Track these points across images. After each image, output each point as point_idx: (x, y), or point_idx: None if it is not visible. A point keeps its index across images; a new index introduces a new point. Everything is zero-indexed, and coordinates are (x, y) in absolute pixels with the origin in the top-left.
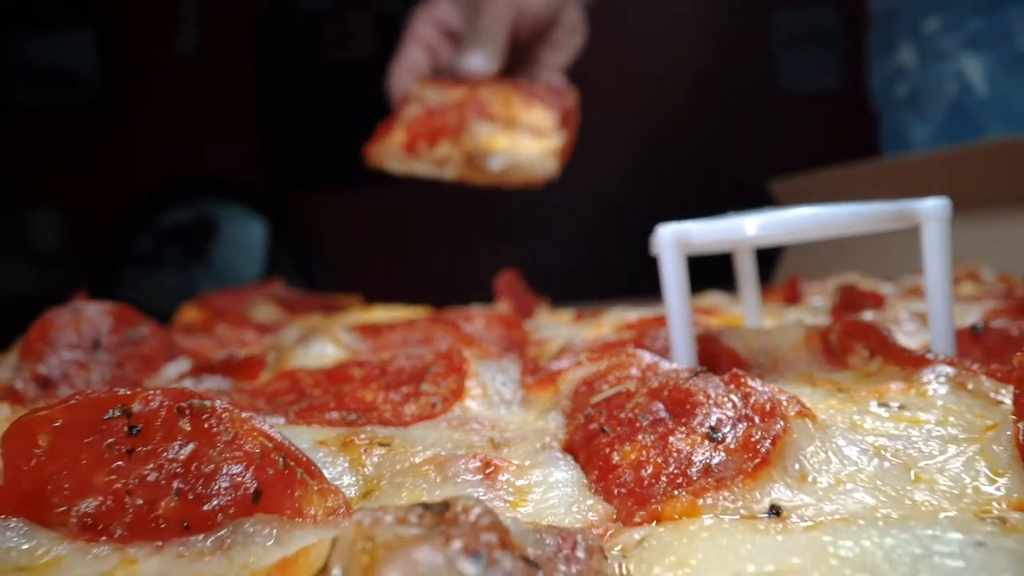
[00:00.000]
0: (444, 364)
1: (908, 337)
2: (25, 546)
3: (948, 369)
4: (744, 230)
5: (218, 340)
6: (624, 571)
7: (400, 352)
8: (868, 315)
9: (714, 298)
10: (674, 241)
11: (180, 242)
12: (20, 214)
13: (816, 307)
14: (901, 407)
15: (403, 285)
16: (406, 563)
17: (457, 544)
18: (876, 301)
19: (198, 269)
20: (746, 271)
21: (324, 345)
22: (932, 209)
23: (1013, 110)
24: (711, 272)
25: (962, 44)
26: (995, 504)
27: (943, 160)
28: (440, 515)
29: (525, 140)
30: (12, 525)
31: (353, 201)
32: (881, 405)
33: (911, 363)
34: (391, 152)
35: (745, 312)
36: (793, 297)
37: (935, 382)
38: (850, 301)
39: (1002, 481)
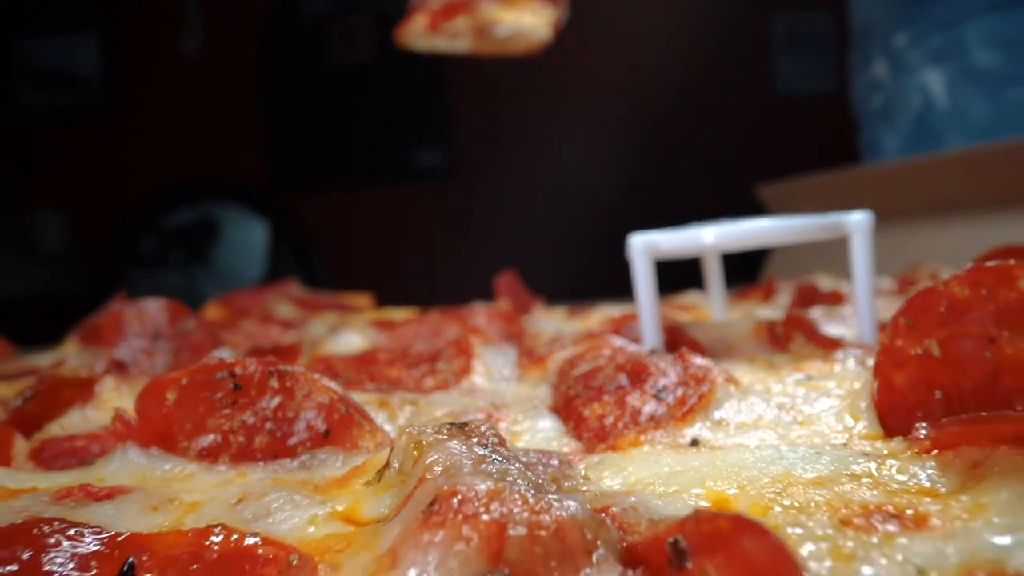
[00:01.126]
0: (454, 348)
1: (849, 328)
2: (167, 466)
3: (856, 351)
4: (702, 239)
5: (246, 334)
6: (584, 474)
7: (416, 340)
8: (818, 310)
9: (692, 297)
10: (644, 248)
11: (183, 243)
12: (25, 216)
13: (782, 304)
14: (810, 378)
15: (402, 285)
16: (442, 449)
17: (474, 439)
18: (835, 298)
19: (200, 270)
20: (712, 273)
21: (351, 336)
22: (858, 222)
23: (969, 121)
24: (695, 274)
25: (926, 59)
26: (845, 435)
27: (920, 168)
28: (461, 428)
29: (525, 14)
30: (153, 452)
31: (353, 202)
32: (795, 376)
33: (829, 346)
34: (416, 31)
35: (711, 307)
36: (769, 295)
37: (844, 360)
38: (806, 298)
39: (856, 423)
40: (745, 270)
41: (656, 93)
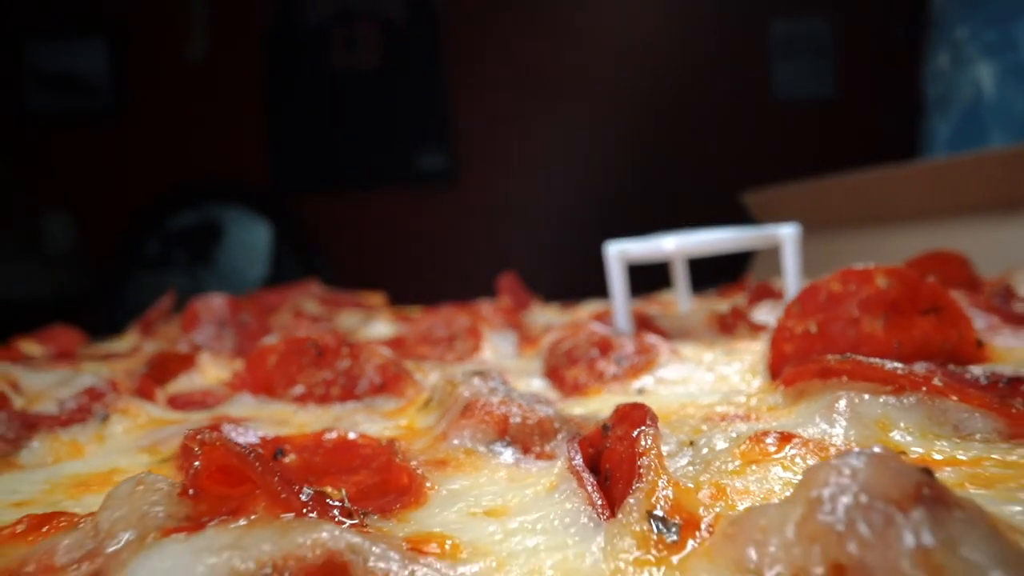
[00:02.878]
0: (467, 332)
1: None
2: (272, 407)
3: None
4: (663, 247)
5: (281, 327)
6: (561, 407)
7: (434, 329)
8: (767, 304)
9: (669, 296)
10: (617, 255)
11: (187, 245)
12: (34, 218)
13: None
14: (732, 351)
15: (403, 285)
16: (468, 384)
17: (488, 379)
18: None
19: (204, 271)
20: (679, 274)
21: (381, 325)
22: (787, 234)
23: (1014, 117)
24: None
25: (980, 52)
26: (744, 385)
27: (898, 176)
28: (479, 372)
29: None
30: (261, 398)
31: (355, 205)
32: (723, 350)
33: (758, 329)
34: None
35: (679, 301)
36: (740, 292)
37: (766, 340)
38: (758, 294)
39: (755, 378)
40: (734, 271)
41: (655, 98)
